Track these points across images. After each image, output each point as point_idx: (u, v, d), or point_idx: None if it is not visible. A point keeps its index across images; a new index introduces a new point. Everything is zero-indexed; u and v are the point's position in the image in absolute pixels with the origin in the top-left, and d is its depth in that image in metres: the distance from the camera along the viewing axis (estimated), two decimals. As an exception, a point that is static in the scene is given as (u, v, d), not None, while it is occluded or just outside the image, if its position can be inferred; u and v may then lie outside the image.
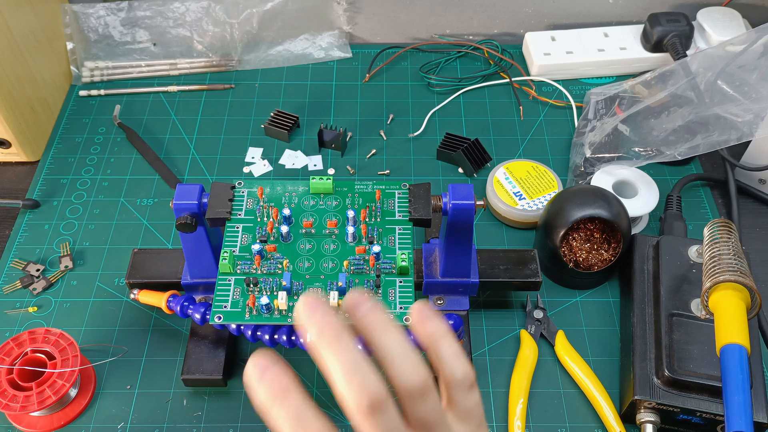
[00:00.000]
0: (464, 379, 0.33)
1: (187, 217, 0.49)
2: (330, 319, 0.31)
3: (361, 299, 0.33)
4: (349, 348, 0.30)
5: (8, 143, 0.68)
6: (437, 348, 0.34)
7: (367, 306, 0.32)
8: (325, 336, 0.31)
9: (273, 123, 0.72)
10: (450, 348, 0.34)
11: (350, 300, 0.33)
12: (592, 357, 0.56)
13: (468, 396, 0.34)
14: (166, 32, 0.78)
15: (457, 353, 0.34)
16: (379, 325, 0.32)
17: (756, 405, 0.48)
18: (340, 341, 0.30)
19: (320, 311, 0.31)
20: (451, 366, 0.33)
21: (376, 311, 0.32)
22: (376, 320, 0.32)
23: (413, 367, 0.31)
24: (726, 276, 0.46)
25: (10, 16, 0.65)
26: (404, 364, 0.31)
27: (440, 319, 0.34)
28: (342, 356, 0.30)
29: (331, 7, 0.79)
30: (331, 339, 0.30)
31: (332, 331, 0.31)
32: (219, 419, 0.53)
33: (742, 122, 0.58)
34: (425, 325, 0.34)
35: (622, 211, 0.58)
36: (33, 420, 0.52)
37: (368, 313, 0.32)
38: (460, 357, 0.34)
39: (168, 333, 0.58)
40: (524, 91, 0.77)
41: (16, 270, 0.61)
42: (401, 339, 0.32)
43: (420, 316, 0.34)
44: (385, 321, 0.32)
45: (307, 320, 0.31)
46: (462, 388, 0.34)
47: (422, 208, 0.50)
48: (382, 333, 0.32)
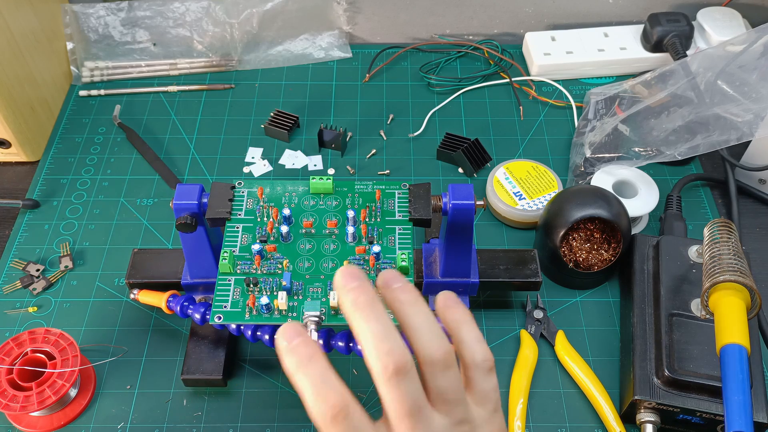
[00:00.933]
0: (484, 361, 0.35)
1: (187, 217, 0.49)
2: (365, 289, 0.33)
3: (395, 276, 0.35)
4: (380, 317, 0.33)
5: (8, 143, 0.68)
6: (459, 332, 0.36)
7: (400, 283, 0.34)
8: (359, 304, 0.33)
9: (273, 123, 0.72)
10: (472, 333, 0.36)
11: (383, 276, 0.35)
12: (592, 357, 0.56)
13: (486, 379, 0.35)
14: (166, 32, 0.78)
15: (478, 338, 0.36)
16: (409, 300, 0.34)
17: (756, 405, 0.48)
18: (373, 310, 0.33)
19: (357, 281, 0.33)
20: (472, 349, 0.35)
21: (408, 288, 0.34)
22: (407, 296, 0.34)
23: (437, 340, 0.33)
24: (726, 276, 0.46)
25: (10, 16, 0.65)
26: (429, 337, 0.33)
27: (463, 307, 0.36)
28: (373, 323, 0.32)
29: (331, 7, 0.79)
30: (364, 307, 0.33)
31: (366, 300, 0.33)
32: (219, 419, 0.53)
33: (742, 122, 0.58)
34: (449, 311, 0.36)
35: (622, 211, 0.58)
36: (33, 420, 0.52)
37: (399, 289, 0.34)
38: (481, 342, 0.36)
39: (168, 333, 0.58)
40: (524, 91, 0.77)
41: (16, 270, 0.61)
42: (428, 314, 0.34)
43: (445, 302, 0.36)
44: (415, 298, 0.34)
45: (343, 288, 0.33)
46: (481, 371, 0.35)
47: (422, 208, 0.50)
48: (411, 307, 0.34)
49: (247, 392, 0.54)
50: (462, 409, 0.34)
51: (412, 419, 0.32)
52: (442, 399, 0.33)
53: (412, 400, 0.32)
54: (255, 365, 0.56)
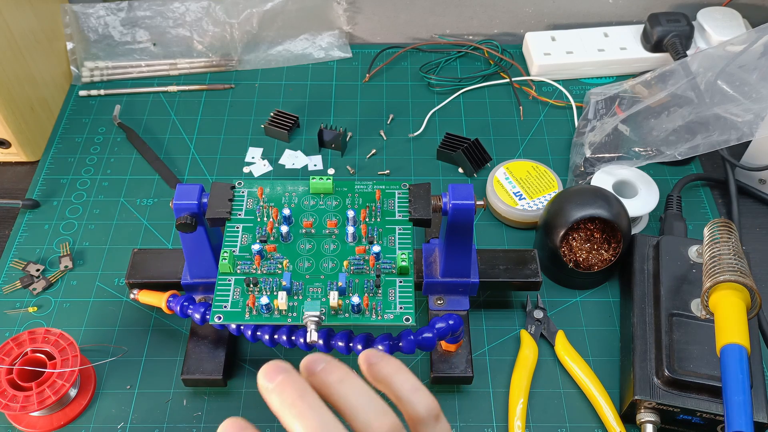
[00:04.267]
0: (428, 412, 0.32)
1: (187, 217, 0.49)
2: (291, 381, 0.30)
3: (316, 359, 0.31)
4: (313, 407, 0.29)
5: (8, 143, 0.68)
6: (393, 387, 0.32)
7: (322, 364, 0.31)
8: (286, 400, 0.29)
9: (273, 123, 0.72)
10: (406, 383, 0.32)
11: (305, 362, 0.31)
12: (592, 357, 0.56)
13: (436, 428, 0.32)
14: (166, 32, 0.78)
15: (414, 387, 0.32)
16: (336, 379, 0.31)
17: (756, 405, 0.48)
18: (303, 401, 0.29)
19: (281, 375, 0.30)
20: (411, 401, 0.32)
21: (331, 368, 0.31)
22: (333, 376, 0.31)
23: (377, 416, 0.30)
24: (726, 276, 0.46)
25: (10, 16, 0.65)
26: (368, 416, 0.30)
27: (389, 358, 0.33)
28: (306, 419, 0.28)
29: (331, 7, 0.79)
30: (293, 401, 0.29)
31: (294, 393, 0.29)
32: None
33: (742, 122, 0.57)
34: (374, 368, 0.32)
35: (622, 211, 0.58)
36: (33, 420, 0.52)
37: (324, 371, 0.31)
38: (419, 390, 0.32)
39: (168, 333, 0.58)
40: (524, 91, 0.77)
41: (16, 270, 0.61)
42: (360, 389, 0.31)
43: (368, 361, 0.33)
44: (343, 375, 0.31)
45: (266, 388, 0.30)
46: (429, 423, 0.32)
47: (422, 208, 0.50)
48: (341, 387, 0.30)
49: (247, 392, 0.54)
50: None
51: None
52: None
53: None
54: (255, 365, 0.56)
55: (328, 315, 0.46)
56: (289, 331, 0.49)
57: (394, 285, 0.48)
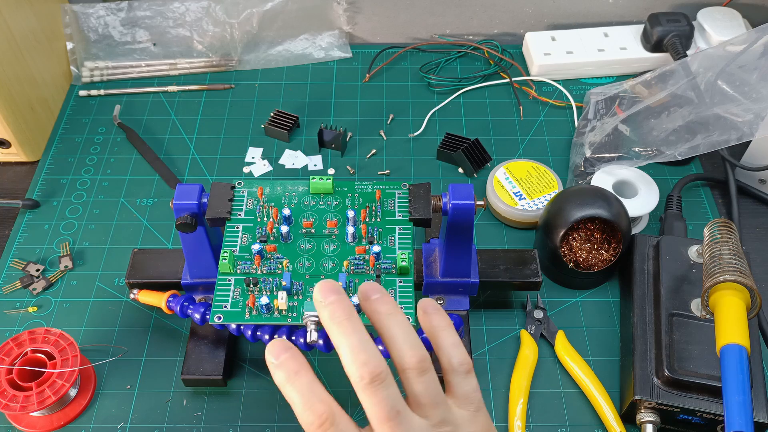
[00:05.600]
0: (460, 364, 0.37)
1: (187, 217, 0.49)
2: (342, 303, 0.35)
3: (373, 288, 0.36)
4: (357, 329, 0.34)
5: (8, 143, 0.68)
6: (438, 338, 0.37)
7: (378, 294, 0.36)
8: (336, 318, 0.35)
9: (273, 123, 0.72)
10: (449, 338, 0.37)
11: (363, 289, 0.37)
12: (592, 357, 0.56)
13: (465, 381, 0.37)
14: (166, 32, 0.78)
15: (455, 343, 0.37)
16: (386, 311, 0.36)
17: (756, 405, 0.48)
18: (350, 322, 0.34)
19: (334, 295, 0.35)
20: (449, 353, 0.37)
21: (385, 300, 0.36)
22: (384, 307, 0.36)
23: (411, 348, 0.35)
24: (726, 276, 0.46)
25: (10, 16, 0.65)
26: (403, 345, 0.35)
27: (443, 313, 0.38)
28: (349, 336, 0.34)
29: (331, 7, 0.79)
30: (341, 320, 0.34)
31: (343, 313, 0.35)
32: (219, 419, 0.53)
33: (742, 122, 0.57)
34: (428, 317, 0.38)
35: (622, 211, 0.58)
36: (33, 420, 0.52)
37: (377, 300, 0.36)
38: (458, 346, 0.37)
39: (168, 333, 0.58)
40: (524, 91, 0.77)
41: (16, 270, 0.61)
42: (403, 324, 0.36)
43: (425, 309, 0.38)
44: (392, 308, 0.36)
45: (321, 303, 0.35)
46: (459, 374, 0.37)
47: (422, 208, 0.50)
48: (388, 318, 0.36)
49: (247, 392, 0.54)
50: (441, 410, 0.35)
51: (391, 422, 0.33)
52: (420, 402, 0.35)
53: (390, 405, 0.33)
54: (255, 365, 0.56)
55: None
56: (289, 331, 0.49)
57: (394, 285, 0.48)
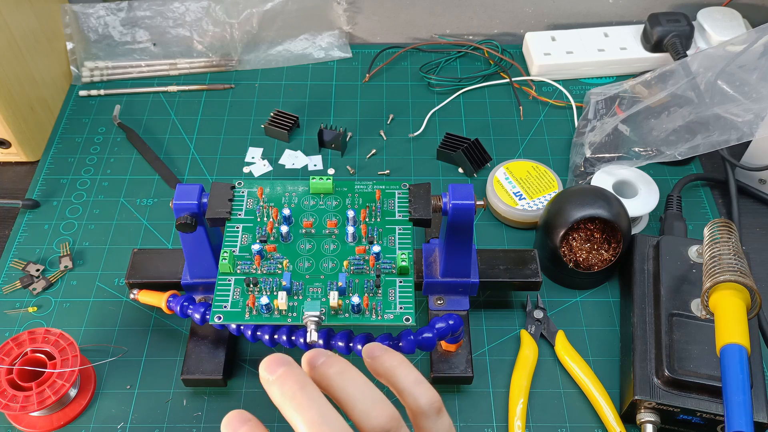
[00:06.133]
0: (430, 405, 0.32)
1: (187, 217, 0.49)
2: (291, 374, 0.30)
3: (317, 354, 0.32)
4: (312, 400, 0.29)
5: (8, 143, 0.68)
6: (395, 381, 0.33)
7: (323, 358, 0.31)
8: (286, 392, 0.29)
9: (273, 123, 0.72)
10: (408, 377, 0.33)
11: (307, 356, 0.32)
12: (592, 357, 0.56)
13: (438, 422, 0.33)
14: (166, 32, 0.78)
15: (417, 380, 0.33)
16: (336, 372, 0.31)
17: (756, 405, 0.48)
18: (303, 394, 0.29)
19: (282, 367, 0.30)
20: (413, 394, 0.32)
21: (332, 361, 0.31)
22: (333, 369, 0.31)
23: (375, 406, 0.30)
24: (726, 276, 0.46)
25: (10, 16, 0.65)
26: (363, 407, 0.30)
27: (392, 352, 0.33)
28: (305, 411, 0.29)
29: (331, 7, 0.79)
30: (294, 394, 0.29)
31: (294, 386, 0.29)
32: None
33: (742, 122, 0.57)
34: (377, 362, 0.33)
35: (622, 211, 0.58)
36: (33, 420, 0.52)
37: (324, 364, 0.31)
38: (420, 383, 0.32)
39: (168, 333, 0.58)
40: (524, 91, 0.77)
41: (16, 270, 0.61)
42: (358, 381, 0.31)
43: (371, 354, 0.33)
44: (342, 368, 0.31)
45: (267, 380, 0.30)
46: (430, 416, 0.32)
47: (422, 208, 0.50)
48: (340, 379, 0.31)
49: (247, 392, 0.54)
50: None
51: None
52: None
53: None
54: (255, 365, 0.56)
55: (328, 315, 0.46)
56: (289, 331, 0.49)
57: (394, 285, 0.48)
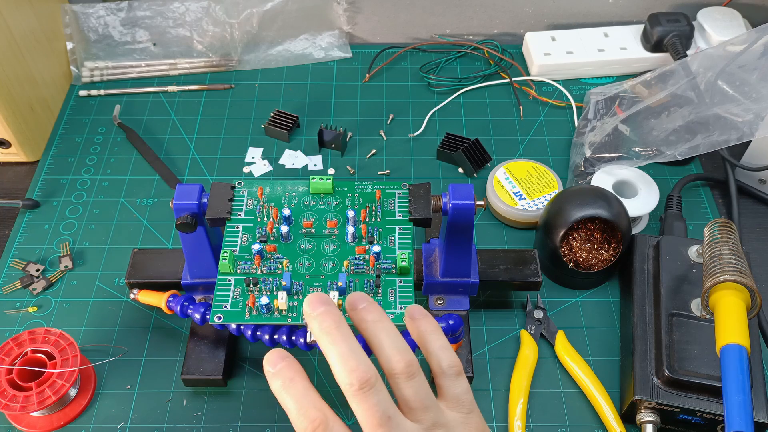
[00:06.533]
0: (450, 367, 0.37)
1: (187, 217, 0.49)
2: (331, 313, 0.36)
3: (360, 298, 0.37)
4: (345, 337, 0.35)
5: (8, 143, 0.68)
6: (426, 343, 0.38)
7: (364, 303, 0.37)
8: (324, 327, 0.35)
9: (273, 123, 0.72)
10: (437, 342, 0.38)
11: (350, 299, 0.37)
12: (592, 357, 0.56)
13: (455, 384, 0.37)
14: (166, 32, 0.78)
15: (443, 346, 0.38)
16: (373, 319, 0.37)
17: (756, 405, 0.48)
18: (339, 331, 0.35)
19: (323, 306, 0.36)
20: (438, 356, 0.37)
21: (371, 308, 0.37)
22: (371, 315, 0.37)
23: (398, 353, 0.35)
24: (726, 276, 0.46)
25: (10, 16, 0.65)
26: (390, 350, 0.35)
27: (429, 318, 0.39)
28: (338, 344, 0.35)
29: (331, 7, 0.79)
30: (330, 329, 0.35)
31: (332, 323, 0.35)
32: (219, 419, 0.53)
33: (742, 122, 0.57)
34: (416, 323, 0.38)
35: (622, 211, 0.58)
36: (33, 420, 0.52)
37: (364, 309, 0.37)
38: (447, 349, 0.38)
39: (168, 333, 0.58)
40: (524, 91, 0.77)
41: (16, 270, 0.61)
42: (390, 330, 0.36)
43: (412, 315, 0.39)
44: (379, 316, 0.37)
45: (311, 314, 0.36)
46: (449, 376, 0.37)
47: (422, 208, 0.50)
48: (375, 325, 0.36)
49: (247, 392, 0.54)
50: (433, 414, 0.35)
51: (383, 428, 0.33)
52: (411, 407, 0.35)
53: (381, 411, 0.33)
54: (255, 365, 0.56)
55: (328, 315, 0.46)
56: (289, 331, 0.49)
57: (394, 285, 0.48)
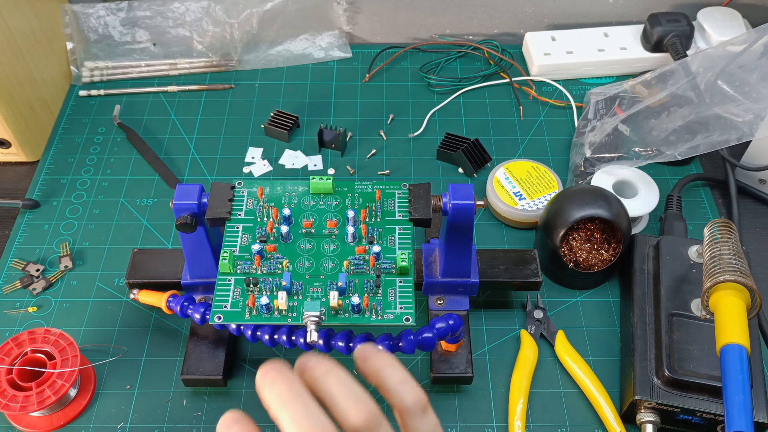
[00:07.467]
0: (415, 403, 0.33)
1: (187, 217, 0.49)
2: (283, 377, 0.31)
3: (308, 358, 0.33)
4: (299, 398, 0.31)
5: (8, 143, 0.68)
6: (383, 380, 0.33)
7: (312, 361, 0.33)
8: (275, 389, 0.31)
9: (273, 123, 0.72)
10: (395, 376, 0.33)
11: (298, 363, 0.33)
12: (592, 357, 0.56)
13: (423, 421, 0.33)
14: (166, 32, 0.78)
15: (403, 379, 0.33)
16: (321, 372, 0.32)
17: (756, 405, 0.48)
18: (290, 392, 0.31)
19: (274, 372, 0.31)
20: (399, 392, 0.33)
21: (320, 362, 0.33)
22: (319, 370, 0.32)
23: (355, 404, 0.31)
24: (726, 276, 0.46)
25: (10, 16, 0.65)
26: (344, 405, 0.31)
27: (382, 353, 0.34)
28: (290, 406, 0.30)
29: (331, 7, 0.79)
30: (281, 391, 0.31)
31: (283, 384, 0.31)
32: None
33: (742, 122, 0.57)
34: (366, 363, 0.34)
35: (622, 211, 0.58)
36: (33, 420, 0.52)
37: (312, 367, 0.32)
38: (407, 382, 0.33)
39: (168, 333, 0.58)
40: (524, 91, 0.77)
41: (16, 270, 0.61)
42: (341, 380, 0.32)
43: (362, 355, 0.34)
44: (327, 368, 0.32)
45: (262, 383, 0.31)
46: (415, 414, 0.33)
47: (422, 208, 0.50)
48: (324, 379, 0.32)
49: (247, 392, 0.54)
50: None
51: None
52: None
53: None
54: (255, 365, 0.56)
55: (328, 315, 0.46)
56: (289, 331, 0.49)
57: (394, 285, 0.48)
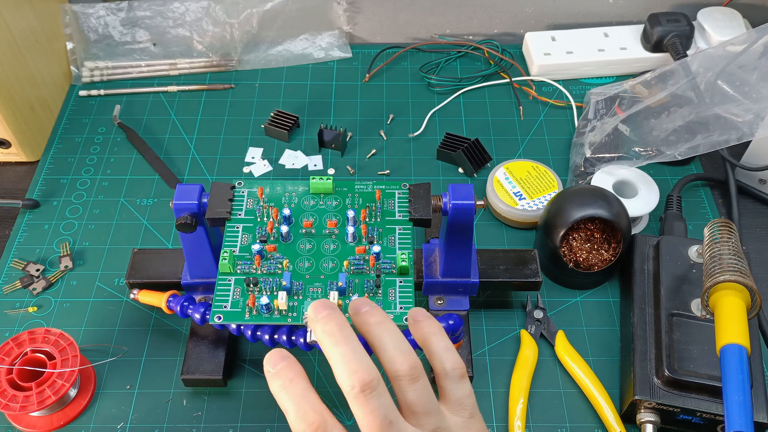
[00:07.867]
0: (453, 369, 0.37)
1: (187, 217, 0.49)
2: (333, 316, 0.35)
3: (363, 302, 0.37)
4: (348, 339, 0.34)
5: (8, 143, 0.68)
6: (429, 344, 0.37)
7: (367, 307, 0.37)
8: (327, 330, 0.35)
9: (273, 123, 0.72)
10: (441, 343, 0.37)
11: (353, 304, 0.37)
12: (592, 357, 0.56)
13: (458, 387, 0.37)
14: (166, 32, 0.78)
15: (447, 347, 0.37)
16: (375, 321, 0.36)
17: (756, 405, 0.48)
18: (341, 333, 0.35)
19: (326, 310, 0.36)
20: (441, 358, 0.37)
21: (374, 312, 0.37)
22: (374, 318, 0.36)
23: (401, 355, 0.35)
24: (726, 276, 0.46)
25: (10, 16, 0.65)
26: (393, 353, 0.35)
27: (432, 320, 0.38)
28: (340, 346, 0.34)
29: (331, 7, 0.79)
30: (333, 332, 0.35)
31: (334, 326, 0.35)
32: (219, 419, 0.53)
33: (742, 122, 0.57)
34: (418, 325, 0.38)
35: (622, 211, 0.58)
36: (33, 420, 0.52)
37: (367, 312, 0.37)
38: (450, 350, 0.37)
39: (168, 333, 0.58)
40: (524, 91, 0.77)
41: (16, 270, 0.61)
42: (393, 332, 0.36)
43: (414, 317, 0.39)
44: (381, 319, 0.36)
45: (314, 319, 0.36)
46: (452, 379, 0.37)
47: (422, 208, 0.50)
48: (377, 327, 0.36)
49: (247, 392, 0.54)
50: (435, 419, 0.35)
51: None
52: (413, 411, 0.35)
53: (382, 416, 0.33)
54: (255, 365, 0.56)
55: (328, 315, 0.46)
56: (289, 331, 0.49)
57: (394, 285, 0.48)
